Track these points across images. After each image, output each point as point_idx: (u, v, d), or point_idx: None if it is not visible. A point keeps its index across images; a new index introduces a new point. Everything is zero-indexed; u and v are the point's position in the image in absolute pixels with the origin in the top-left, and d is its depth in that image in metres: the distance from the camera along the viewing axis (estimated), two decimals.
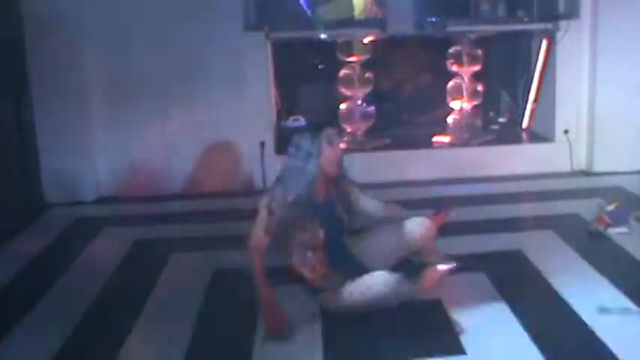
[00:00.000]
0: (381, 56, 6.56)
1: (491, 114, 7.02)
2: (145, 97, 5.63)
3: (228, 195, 5.66)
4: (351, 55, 6.09)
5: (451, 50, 6.19)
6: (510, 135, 6.51)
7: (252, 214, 3.41)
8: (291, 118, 6.68)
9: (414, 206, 5.02)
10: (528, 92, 6.48)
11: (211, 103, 5.68)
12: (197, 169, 5.79)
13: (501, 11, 6.15)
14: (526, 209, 5.15)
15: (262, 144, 5.76)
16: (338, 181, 3.49)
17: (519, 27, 6.21)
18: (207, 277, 3.96)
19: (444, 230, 3.67)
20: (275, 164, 5.70)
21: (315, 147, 3.32)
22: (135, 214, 5.33)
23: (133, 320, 3.47)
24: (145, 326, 3.44)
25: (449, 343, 3.11)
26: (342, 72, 6.14)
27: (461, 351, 3.02)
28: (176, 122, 5.70)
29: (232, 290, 3.81)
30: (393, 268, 3.42)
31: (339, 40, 6.05)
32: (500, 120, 6.99)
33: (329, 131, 3.44)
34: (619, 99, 5.78)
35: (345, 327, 3.13)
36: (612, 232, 4.42)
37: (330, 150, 3.37)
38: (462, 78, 6.21)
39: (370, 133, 6.27)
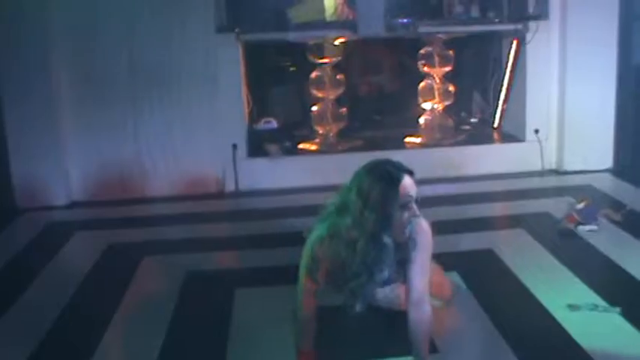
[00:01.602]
0: (353, 58, 6.57)
1: (462, 114, 7.05)
2: (116, 100, 5.59)
3: (200, 197, 5.64)
4: (323, 57, 6.10)
5: (422, 51, 6.22)
6: (482, 135, 6.54)
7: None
8: (262, 120, 6.67)
9: None
10: (499, 92, 6.54)
11: (183, 106, 5.65)
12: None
13: (475, 12, 6.17)
14: (497, 208, 5.18)
15: (234, 146, 5.75)
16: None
17: (489, 28, 6.22)
18: (179, 280, 3.95)
19: None
20: (247, 166, 5.76)
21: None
22: (107, 217, 5.29)
23: (106, 324, 3.45)
24: (118, 330, 3.42)
25: None
26: (314, 74, 6.15)
27: (433, 349, 3.02)
28: (147, 124, 5.66)
29: (205, 293, 3.81)
30: None
31: (311, 42, 6.05)
32: (472, 120, 7.02)
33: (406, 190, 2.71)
34: (588, 98, 5.84)
35: (318, 325, 3.13)
36: (582, 229, 4.46)
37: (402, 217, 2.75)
38: (434, 79, 6.24)
39: (342, 134, 6.28)
